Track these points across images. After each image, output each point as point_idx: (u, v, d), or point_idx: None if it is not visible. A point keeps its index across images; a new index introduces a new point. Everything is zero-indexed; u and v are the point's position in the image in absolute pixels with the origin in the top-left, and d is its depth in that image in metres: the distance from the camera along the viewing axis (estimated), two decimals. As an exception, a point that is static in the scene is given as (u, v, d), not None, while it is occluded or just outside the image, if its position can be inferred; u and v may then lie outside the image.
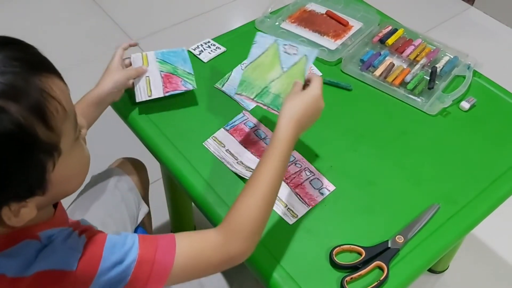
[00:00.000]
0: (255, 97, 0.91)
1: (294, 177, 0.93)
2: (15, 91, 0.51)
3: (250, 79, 0.92)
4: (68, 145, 0.58)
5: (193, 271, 0.69)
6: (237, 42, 1.21)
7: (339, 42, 1.22)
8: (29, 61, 0.55)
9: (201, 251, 0.69)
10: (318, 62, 1.17)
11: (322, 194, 0.91)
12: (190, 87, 1.02)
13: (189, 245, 0.69)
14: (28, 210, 0.57)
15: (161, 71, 1.04)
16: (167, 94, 1.00)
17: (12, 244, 0.59)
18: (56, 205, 0.67)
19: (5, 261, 0.59)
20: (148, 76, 1.02)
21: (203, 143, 0.98)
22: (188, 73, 1.04)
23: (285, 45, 0.93)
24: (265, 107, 0.90)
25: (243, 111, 1.05)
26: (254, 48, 0.94)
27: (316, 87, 0.82)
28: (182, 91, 1.02)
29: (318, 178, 0.94)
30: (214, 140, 0.99)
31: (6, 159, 0.51)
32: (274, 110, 0.89)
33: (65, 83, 0.59)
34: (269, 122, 1.03)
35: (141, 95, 1.00)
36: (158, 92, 1.00)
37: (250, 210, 0.72)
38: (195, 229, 1.50)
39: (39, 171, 0.56)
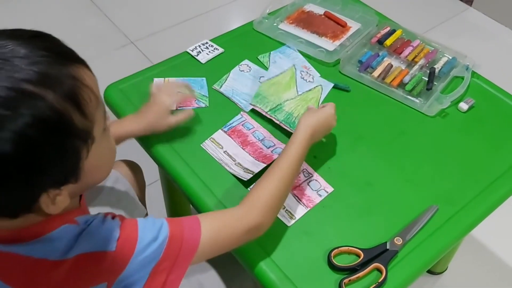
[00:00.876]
0: (268, 111, 0.99)
1: (292, 179, 0.93)
2: (50, 79, 0.53)
3: (266, 94, 1.02)
4: (99, 133, 0.61)
5: (218, 245, 0.73)
6: (235, 43, 1.21)
7: (337, 43, 1.21)
8: (60, 52, 0.57)
9: (223, 225, 0.74)
10: (316, 63, 1.17)
11: (320, 195, 0.91)
12: (203, 105, 1.06)
13: (212, 221, 0.73)
14: (63, 198, 0.59)
15: (178, 91, 1.06)
16: (179, 108, 1.03)
17: (51, 229, 0.61)
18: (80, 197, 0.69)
19: (46, 245, 0.60)
20: None
21: (201, 145, 0.98)
22: (203, 95, 1.08)
23: (302, 71, 1.03)
24: (277, 122, 0.98)
25: (241, 112, 1.04)
26: (272, 67, 1.05)
27: (330, 107, 0.93)
28: (194, 108, 1.05)
29: (316, 180, 0.93)
30: (212, 141, 0.99)
31: (46, 145, 0.53)
32: (287, 126, 0.98)
33: (93, 74, 0.60)
34: (267, 123, 1.03)
35: None
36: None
37: (268, 187, 0.79)
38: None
39: (75, 158, 0.57)
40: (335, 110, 0.93)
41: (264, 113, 0.98)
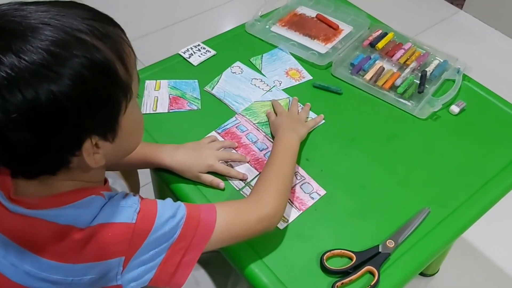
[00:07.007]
0: (257, 123, 1.02)
1: (285, 182, 0.93)
2: (99, 32, 0.59)
3: (256, 110, 1.05)
4: (134, 93, 0.64)
5: (232, 231, 0.75)
6: (227, 45, 1.21)
7: (329, 45, 1.21)
8: (104, 15, 0.63)
9: (237, 212, 0.76)
10: (308, 65, 1.17)
11: (312, 198, 0.91)
12: (195, 108, 1.06)
13: (226, 208, 0.76)
14: (100, 156, 0.62)
15: (170, 94, 1.08)
16: (171, 111, 1.04)
17: (80, 198, 0.64)
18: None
19: (73, 212, 0.63)
20: (157, 97, 1.07)
21: (193, 147, 0.97)
22: (195, 97, 1.08)
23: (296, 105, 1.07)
24: (263, 134, 1.01)
25: (236, 115, 1.04)
26: (268, 94, 1.09)
27: (279, 113, 1.02)
28: (186, 110, 1.05)
29: (308, 183, 0.93)
30: (204, 144, 0.98)
31: (97, 87, 0.58)
32: (271, 139, 1.00)
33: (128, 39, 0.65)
34: (262, 126, 1.02)
35: (146, 109, 1.04)
36: (163, 108, 1.05)
37: (271, 177, 0.84)
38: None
39: (117, 109, 0.61)
40: (284, 110, 1.03)
41: (251, 124, 1.01)
